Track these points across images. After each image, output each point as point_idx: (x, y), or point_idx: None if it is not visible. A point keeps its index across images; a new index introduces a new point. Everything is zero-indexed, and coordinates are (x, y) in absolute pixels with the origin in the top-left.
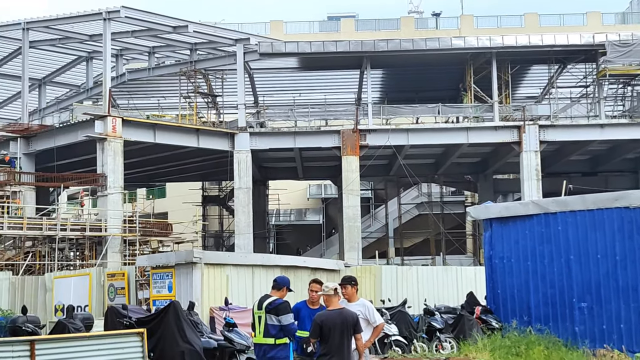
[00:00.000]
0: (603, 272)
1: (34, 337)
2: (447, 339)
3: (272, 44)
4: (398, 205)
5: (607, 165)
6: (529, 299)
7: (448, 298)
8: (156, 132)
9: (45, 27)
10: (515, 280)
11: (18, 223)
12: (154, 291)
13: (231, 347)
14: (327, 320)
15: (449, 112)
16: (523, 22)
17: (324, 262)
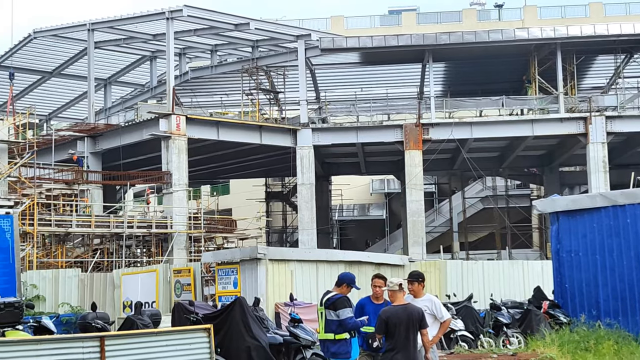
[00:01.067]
0: None
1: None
2: (514, 334)
3: (333, 40)
4: (462, 200)
5: None
6: (597, 293)
7: (514, 293)
8: (219, 129)
9: (110, 27)
10: (584, 274)
11: (86, 221)
12: (220, 287)
13: (297, 342)
14: (393, 315)
15: (513, 105)
16: (588, 12)
17: (388, 257)
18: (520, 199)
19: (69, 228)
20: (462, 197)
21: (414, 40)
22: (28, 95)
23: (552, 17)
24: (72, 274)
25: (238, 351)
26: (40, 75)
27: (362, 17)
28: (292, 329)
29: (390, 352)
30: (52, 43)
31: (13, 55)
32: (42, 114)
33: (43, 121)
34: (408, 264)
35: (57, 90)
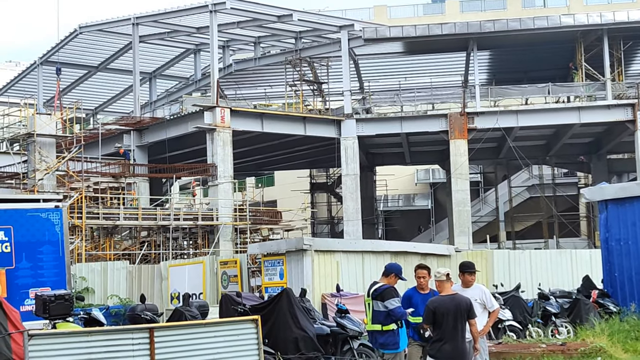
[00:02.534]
0: None
1: (153, 325)
2: (563, 324)
3: (377, 29)
4: (508, 189)
5: None
6: None
7: (562, 282)
8: (263, 121)
9: (154, 21)
10: (634, 263)
11: (133, 214)
12: (266, 278)
13: (344, 333)
14: (440, 306)
15: (559, 92)
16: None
17: (435, 247)
18: (567, 187)
19: (117, 221)
20: (508, 186)
21: (458, 29)
22: (75, 90)
23: (598, 3)
24: (121, 266)
25: (285, 342)
26: (87, 70)
27: (405, 7)
28: (339, 319)
29: (437, 342)
30: (98, 38)
31: (59, 51)
32: (88, 109)
33: (90, 115)
34: (454, 254)
35: (103, 85)
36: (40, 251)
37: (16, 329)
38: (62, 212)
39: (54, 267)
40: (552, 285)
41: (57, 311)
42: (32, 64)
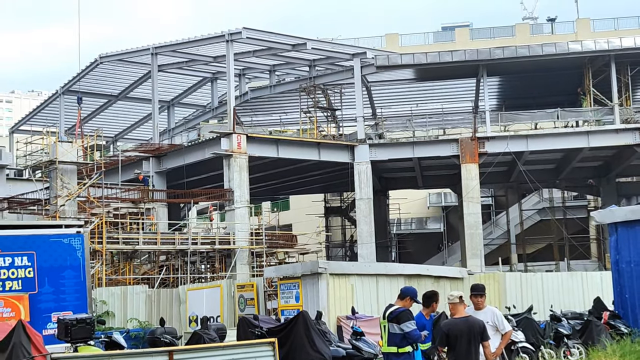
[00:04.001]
0: None
1: (172, 348)
2: (574, 345)
3: (388, 57)
4: (519, 212)
5: None
6: None
7: (574, 304)
8: (279, 147)
9: (172, 51)
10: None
11: (152, 238)
12: (282, 301)
13: (359, 355)
14: (454, 328)
15: (568, 117)
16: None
17: (447, 270)
18: (577, 210)
19: (136, 245)
20: (519, 209)
21: (467, 56)
22: (95, 118)
23: (605, 30)
24: (140, 290)
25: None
26: (107, 99)
27: (416, 35)
28: (354, 342)
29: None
30: (118, 67)
31: (80, 80)
32: (108, 136)
33: (110, 143)
34: (467, 277)
35: (123, 113)
36: (63, 276)
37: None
38: (83, 238)
39: (75, 292)
40: (564, 307)
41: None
42: (54, 94)
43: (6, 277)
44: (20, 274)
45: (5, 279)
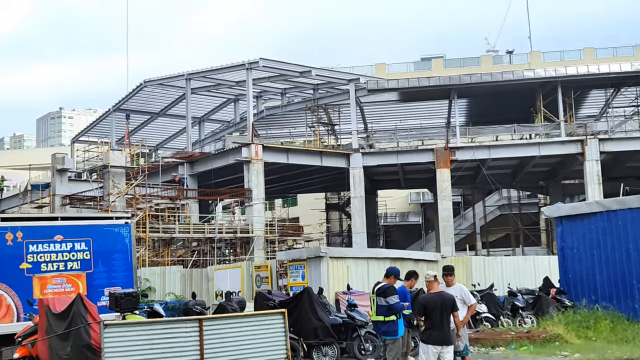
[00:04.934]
0: None
1: (201, 317)
2: (528, 316)
3: (378, 82)
4: (483, 207)
5: None
6: (595, 282)
7: (527, 282)
8: (288, 155)
9: (202, 77)
10: (584, 266)
11: (186, 228)
12: (291, 279)
13: (353, 323)
14: (430, 301)
15: (522, 131)
16: (582, 55)
17: (425, 254)
18: (530, 207)
19: (173, 234)
20: (483, 206)
21: (441, 81)
22: (140, 131)
23: (553, 60)
24: (176, 270)
25: (307, 330)
26: (149, 115)
27: (400, 64)
28: (349, 312)
29: (428, 330)
30: (158, 90)
31: (128, 101)
32: (151, 145)
33: (152, 151)
34: (440, 260)
35: (162, 127)
36: (113, 258)
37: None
38: (130, 227)
39: (123, 271)
40: (519, 285)
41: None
42: (107, 111)
43: (68, 259)
44: (79, 257)
45: (67, 260)
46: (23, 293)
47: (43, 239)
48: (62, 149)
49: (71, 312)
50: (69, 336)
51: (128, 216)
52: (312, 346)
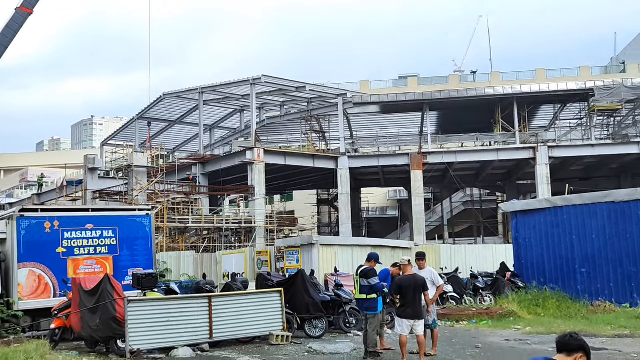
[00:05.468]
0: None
1: (211, 294)
2: (487, 295)
3: (362, 97)
4: (450, 203)
5: (597, 172)
6: (544, 267)
7: (487, 267)
8: (286, 157)
9: (213, 90)
10: (534, 254)
11: (198, 219)
12: (287, 263)
13: (339, 300)
14: (404, 281)
15: (484, 139)
16: (535, 75)
17: (400, 242)
18: (489, 203)
19: (187, 224)
20: (450, 202)
21: (416, 97)
22: (160, 136)
23: (510, 79)
24: (189, 254)
25: (300, 306)
26: (167, 123)
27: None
28: (336, 291)
29: (402, 307)
30: (175, 101)
31: (150, 110)
32: (169, 148)
33: (169, 153)
34: (414, 247)
35: (179, 133)
36: (136, 244)
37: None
38: (150, 218)
39: (144, 255)
40: (480, 269)
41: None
42: (131, 119)
43: (97, 244)
44: (107, 242)
45: (97, 246)
46: (59, 273)
47: (76, 227)
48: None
49: (100, 289)
50: (97, 310)
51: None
52: (305, 320)
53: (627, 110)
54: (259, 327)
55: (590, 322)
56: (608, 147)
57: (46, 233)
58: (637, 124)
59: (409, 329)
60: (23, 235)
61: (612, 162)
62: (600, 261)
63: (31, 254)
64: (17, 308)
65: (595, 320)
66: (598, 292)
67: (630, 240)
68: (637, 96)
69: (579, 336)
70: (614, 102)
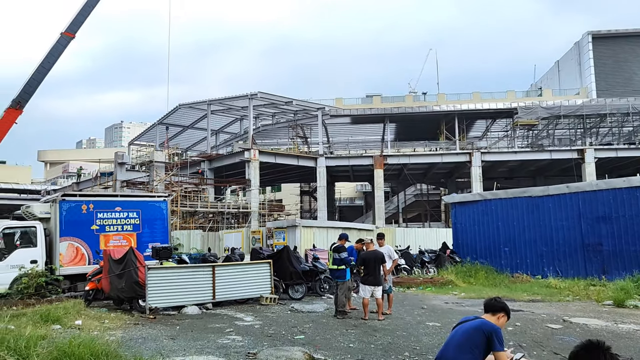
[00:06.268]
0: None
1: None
2: (431, 267)
3: (337, 110)
4: (404, 195)
5: (518, 173)
6: (476, 246)
7: (431, 245)
8: (276, 157)
9: (219, 102)
10: (469, 236)
11: (205, 205)
12: (276, 240)
13: (316, 270)
14: (367, 256)
15: (431, 145)
16: (472, 97)
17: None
18: (435, 196)
19: (196, 208)
20: (404, 194)
21: (379, 111)
22: (176, 139)
23: (453, 99)
24: (197, 232)
25: (285, 274)
26: (182, 128)
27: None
28: (314, 263)
29: (365, 276)
30: (188, 110)
31: (168, 117)
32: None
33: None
34: (375, 229)
35: (191, 136)
36: (155, 223)
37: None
38: (167, 203)
39: (162, 232)
40: (427, 247)
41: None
42: (153, 124)
43: (124, 223)
44: (132, 222)
45: (124, 224)
46: (93, 245)
47: (107, 209)
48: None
49: (126, 259)
50: (124, 275)
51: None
52: (288, 285)
53: (542, 125)
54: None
55: (511, 289)
56: (527, 153)
57: (83, 214)
58: (550, 136)
59: (370, 293)
60: (64, 215)
61: (530, 166)
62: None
63: (70, 230)
64: (58, 273)
65: (515, 288)
66: (517, 266)
67: (542, 227)
68: (550, 114)
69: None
70: (532, 119)
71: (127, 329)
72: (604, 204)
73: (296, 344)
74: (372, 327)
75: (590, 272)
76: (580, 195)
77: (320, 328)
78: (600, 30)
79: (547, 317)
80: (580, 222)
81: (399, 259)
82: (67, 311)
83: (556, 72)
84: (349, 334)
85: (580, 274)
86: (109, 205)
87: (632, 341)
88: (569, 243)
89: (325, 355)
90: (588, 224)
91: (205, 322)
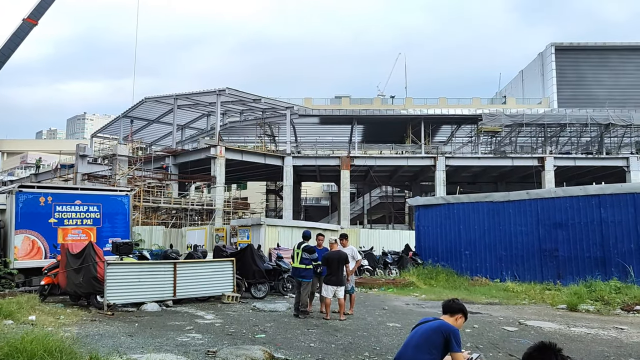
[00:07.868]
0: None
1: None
2: (394, 269)
3: (305, 110)
4: (369, 197)
5: (481, 178)
6: (437, 249)
7: (395, 247)
8: (243, 154)
9: (186, 97)
10: (431, 238)
11: (168, 200)
12: (240, 238)
13: (279, 269)
14: (331, 256)
15: (397, 148)
16: (439, 102)
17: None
18: (399, 198)
19: (159, 204)
20: (369, 195)
21: (347, 113)
22: (140, 132)
23: (420, 104)
24: (159, 229)
25: (248, 273)
26: (147, 122)
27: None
28: (277, 262)
29: (328, 275)
30: (154, 104)
31: (133, 110)
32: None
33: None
34: (340, 229)
35: (156, 130)
36: (116, 218)
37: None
38: (129, 198)
39: (123, 227)
40: (389, 248)
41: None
42: (117, 117)
43: (83, 217)
44: (92, 216)
45: (84, 218)
46: (50, 239)
47: (67, 202)
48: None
49: (84, 253)
50: (81, 270)
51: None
52: (251, 284)
53: (505, 133)
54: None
55: (470, 292)
56: (490, 159)
57: (40, 206)
58: (512, 144)
59: (332, 293)
60: (20, 207)
61: (493, 172)
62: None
63: (27, 223)
64: (13, 267)
65: (474, 291)
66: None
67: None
68: (514, 122)
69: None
70: (496, 126)
71: (83, 325)
72: (561, 211)
73: (257, 343)
74: (333, 327)
75: (546, 276)
76: (539, 201)
77: (281, 327)
78: (563, 43)
79: (503, 319)
80: (538, 227)
81: (362, 260)
82: (20, 306)
83: (520, 81)
84: (310, 334)
85: (537, 278)
86: (68, 198)
87: (583, 344)
88: (527, 248)
89: (286, 354)
90: (545, 229)
91: (164, 320)
